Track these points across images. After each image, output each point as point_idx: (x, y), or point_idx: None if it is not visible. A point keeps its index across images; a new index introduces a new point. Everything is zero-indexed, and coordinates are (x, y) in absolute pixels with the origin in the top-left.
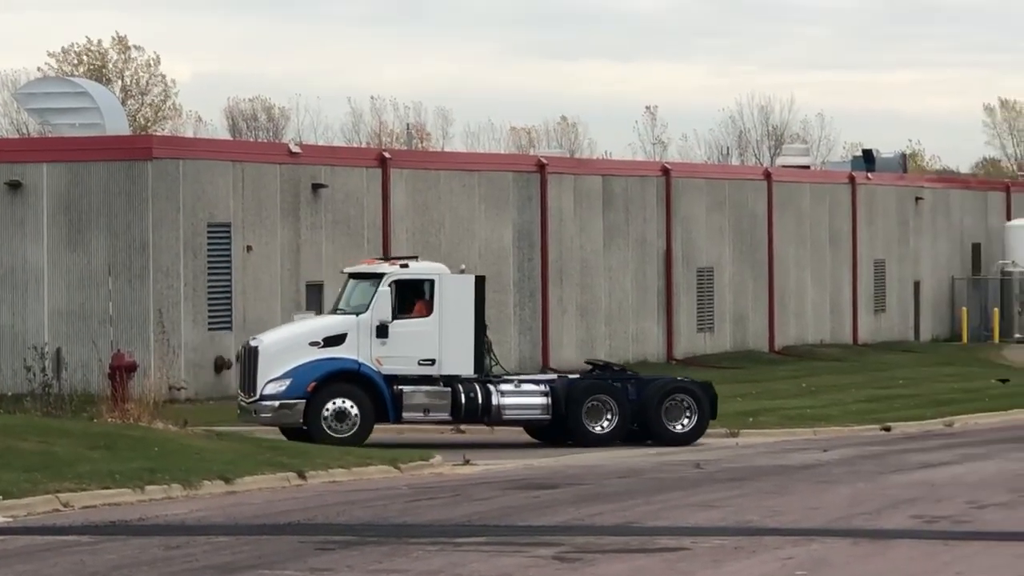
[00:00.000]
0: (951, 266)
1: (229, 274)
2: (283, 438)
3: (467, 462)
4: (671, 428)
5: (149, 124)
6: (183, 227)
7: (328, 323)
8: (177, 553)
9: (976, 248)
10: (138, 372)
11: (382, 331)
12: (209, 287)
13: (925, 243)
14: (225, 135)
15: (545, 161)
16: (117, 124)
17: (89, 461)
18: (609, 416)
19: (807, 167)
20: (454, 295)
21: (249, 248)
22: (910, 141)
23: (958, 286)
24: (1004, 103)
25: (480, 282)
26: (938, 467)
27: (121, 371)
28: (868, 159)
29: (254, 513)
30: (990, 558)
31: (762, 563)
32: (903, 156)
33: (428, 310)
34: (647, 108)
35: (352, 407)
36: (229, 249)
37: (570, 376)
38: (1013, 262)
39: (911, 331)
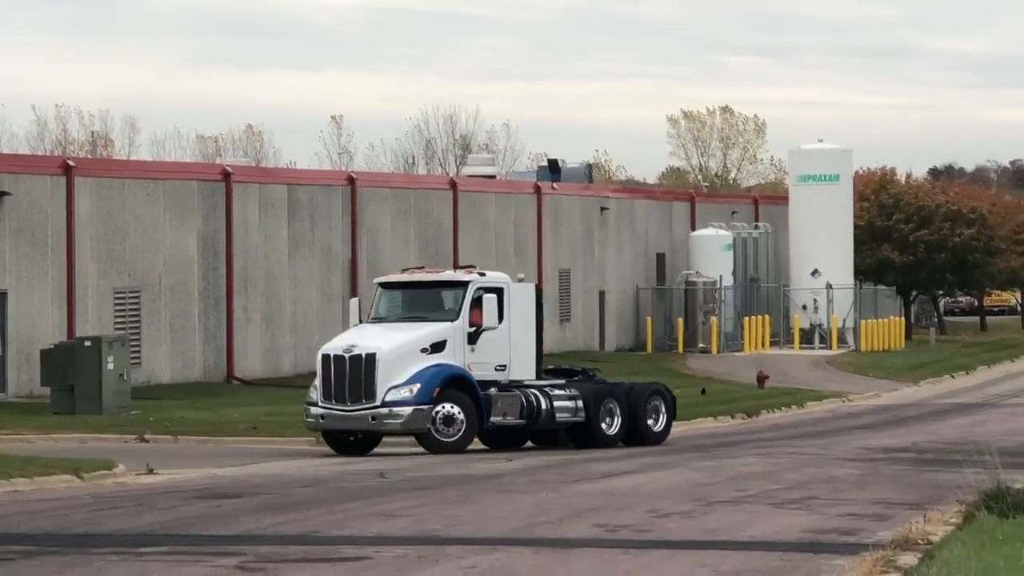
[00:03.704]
0: (636, 276)
1: None
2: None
3: (151, 471)
4: (651, 428)
5: None
6: None
7: (431, 331)
8: None
9: (661, 258)
10: None
11: (473, 337)
12: None
13: (610, 253)
14: None
15: (231, 170)
16: None
17: None
18: (609, 419)
19: (493, 177)
20: (520, 302)
21: None
22: (596, 151)
23: (643, 296)
24: (687, 114)
25: (539, 291)
26: (621, 476)
27: None
28: (553, 169)
29: None
30: (670, 566)
31: (444, 572)
32: (588, 166)
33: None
34: (333, 117)
35: (459, 412)
36: None
37: (595, 380)
38: (697, 272)
39: (596, 341)
